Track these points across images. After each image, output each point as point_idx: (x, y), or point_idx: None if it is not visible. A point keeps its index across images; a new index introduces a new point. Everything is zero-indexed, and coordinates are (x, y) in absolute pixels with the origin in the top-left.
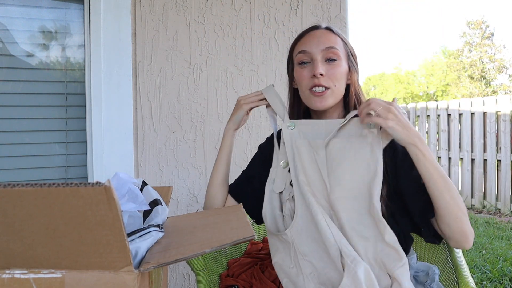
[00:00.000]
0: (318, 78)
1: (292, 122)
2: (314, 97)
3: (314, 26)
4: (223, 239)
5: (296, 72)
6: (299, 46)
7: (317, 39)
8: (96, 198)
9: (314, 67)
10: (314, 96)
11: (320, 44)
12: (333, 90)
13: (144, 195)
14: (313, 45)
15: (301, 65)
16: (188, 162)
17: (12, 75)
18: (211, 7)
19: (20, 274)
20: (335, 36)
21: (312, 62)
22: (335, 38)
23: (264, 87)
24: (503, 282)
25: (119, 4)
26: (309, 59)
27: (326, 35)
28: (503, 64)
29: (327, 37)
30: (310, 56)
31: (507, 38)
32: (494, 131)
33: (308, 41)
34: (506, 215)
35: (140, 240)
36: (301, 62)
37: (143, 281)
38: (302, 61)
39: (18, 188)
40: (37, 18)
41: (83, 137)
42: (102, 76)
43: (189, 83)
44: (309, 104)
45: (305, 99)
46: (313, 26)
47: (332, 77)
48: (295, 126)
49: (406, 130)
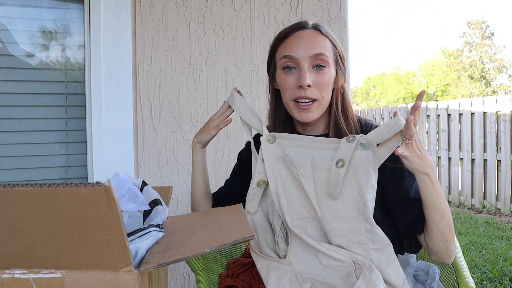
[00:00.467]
0: (304, 90)
1: (272, 136)
2: (299, 109)
3: (300, 24)
4: (223, 239)
5: (280, 78)
6: (283, 48)
7: (305, 42)
8: (96, 198)
9: (301, 77)
10: (299, 108)
11: (308, 49)
12: (320, 101)
13: (144, 195)
14: (300, 50)
15: (285, 71)
16: (188, 162)
17: (12, 75)
18: (211, 7)
19: (20, 274)
20: (324, 38)
21: (298, 69)
22: (324, 41)
23: (264, 87)
24: (503, 282)
25: (119, 4)
26: (295, 65)
27: (315, 37)
28: (503, 64)
29: (315, 41)
30: (296, 62)
31: (507, 38)
32: (494, 131)
33: (295, 44)
34: (506, 215)
35: (140, 240)
36: (285, 67)
37: (143, 281)
38: (287, 66)
39: (18, 188)
40: (37, 18)
41: (83, 137)
42: (102, 76)
43: (189, 83)
44: (293, 115)
45: (288, 109)
46: (299, 24)
47: (319, 87)
48: (275, 140)
49: (422, 161)
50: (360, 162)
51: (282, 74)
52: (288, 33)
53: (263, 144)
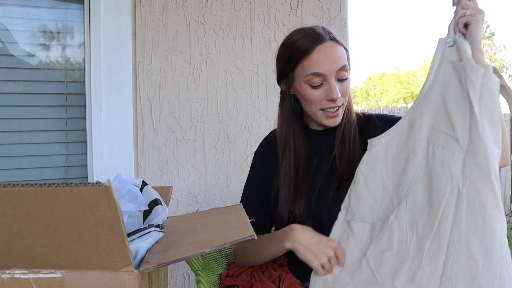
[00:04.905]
0: (334, 101)
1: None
2: (328, 117)
3: (318, 37)
4: (223, 239)
5: (305, 91)
6: (309, 65)
7: (329, 58)
8: (96, 198)
9: (331, 91)
10: (327, 116)
11: (333, 64)
12: (344, 105)
13: (144, 195)
14: (327, 66)
15: (312, 86)
16: (188, 162)
17: (12, 75)
18: (211, 7)
19: (20, 274)
20: (341, 48)
21: (325, 83)
22: (342, 50)
23: (264, 87)
24: None
25: (119, 4)
26: (322, 80)
27: (335, 50)
28: (503, 64)
29: (337, 54)
30: (324, 77)
31: (508, 38)
32: None
33: (320, 61)
34: (506, 215)
35: (140, 240)
36: (313, 84)
37: (143, 281)
38: (315, 83)
39: (18, 188)
40: (37, 18)
41: (83, 137)
42: (102, 76)
43: (189, 83)
44: (319, 121)
45: (314, 117)
46: (316, 36)
47: (344, 94)
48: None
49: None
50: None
51: (308, 89)
52: (309, 48)
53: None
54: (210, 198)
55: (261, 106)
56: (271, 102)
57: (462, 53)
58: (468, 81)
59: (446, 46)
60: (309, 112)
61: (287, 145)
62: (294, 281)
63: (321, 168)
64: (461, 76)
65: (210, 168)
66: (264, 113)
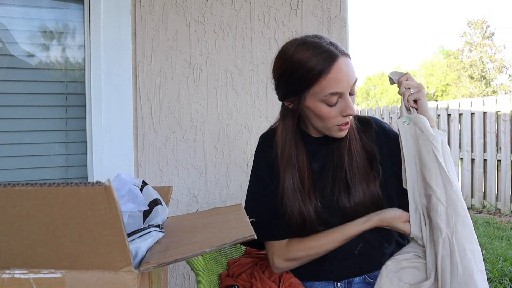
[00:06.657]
0: (349, 116)
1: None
2: (340, 129)
3: (332, 54)
4: (223, 239)
5: (320, 110)
6: (328, 85)
7: (346, 75)
8: (96, 198)
9: (348, 108)
10: (340, 128)
11: (350, 80)
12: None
13: (144, 195)
14: (345, 84)
15: (329, 105)
16: (188, 162)
17: (12, 75)
18: (211, 7)
19: (20, 274)
20: (350, 60)
21: (340, 99)
22: (351, 62)
23: (263, 87)
24: (503, 282)
25: (119, 4)
26: (338, 98)
27: (348, 66)
28: (503, 64)
29: (350, 69)
30: (341, 95)
31: (508, 38)
32: (494, 131)
33: (339, 80)
34: (506, 215)
35: (140, 240)
36: (331, 104)
37: (143, 281)
38: (333, 103)
39: (18, 188)
40: (37, 18)
41: (83, 137)
42: (102, 76)
43: (189, 83)
44: (330, 134)
45: (325, 130)
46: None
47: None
48: (409, 121)
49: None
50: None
51: (325, 107)
52: (325, 68)
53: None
54: (210, 198)
55: (261, 106)
56: (271, 102)
57: (421, 125)
58: (433, 147)
59: (404, 125)
60: (320, 126)
61: (290, 161)
62: (294, 281)
63: (324, 172)
64: (426, 144)
65: (210, 168)
66: (264, 113)
